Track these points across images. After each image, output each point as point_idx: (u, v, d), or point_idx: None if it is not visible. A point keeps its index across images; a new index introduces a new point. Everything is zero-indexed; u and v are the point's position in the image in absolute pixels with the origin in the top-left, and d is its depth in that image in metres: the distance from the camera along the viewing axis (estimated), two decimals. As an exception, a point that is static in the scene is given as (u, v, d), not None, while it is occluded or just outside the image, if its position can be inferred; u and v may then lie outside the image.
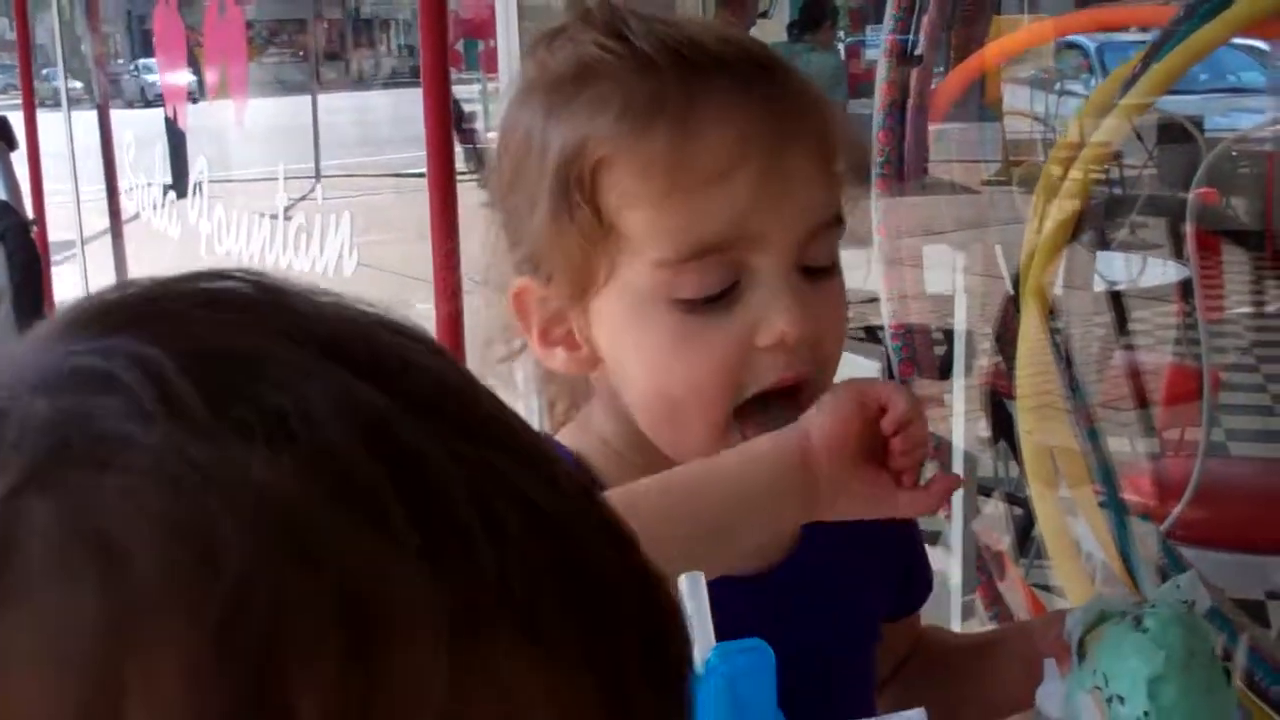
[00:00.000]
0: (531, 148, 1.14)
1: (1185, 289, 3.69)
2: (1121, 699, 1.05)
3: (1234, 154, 5.22)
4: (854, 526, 1.14)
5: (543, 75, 1.16)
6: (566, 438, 1.25)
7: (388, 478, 0.40)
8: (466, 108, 5.21)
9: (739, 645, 0.76)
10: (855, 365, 2.41)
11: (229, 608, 0.37)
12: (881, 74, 2.44)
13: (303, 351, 0.43)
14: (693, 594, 0.81)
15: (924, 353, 2.54)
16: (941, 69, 2.66)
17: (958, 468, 2.49)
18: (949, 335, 2.68)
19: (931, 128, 2.64)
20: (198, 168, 5.50)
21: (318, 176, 5.55)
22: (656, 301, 1.11)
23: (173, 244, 5.72)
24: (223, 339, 0.43)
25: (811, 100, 1.18)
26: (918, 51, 2.44)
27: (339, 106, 8.24)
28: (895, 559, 1.28)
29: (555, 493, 0.46)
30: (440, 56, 2.49)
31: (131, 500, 0.38)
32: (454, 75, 3.16)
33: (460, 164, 3.03)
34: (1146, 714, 1.05)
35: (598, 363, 1.18)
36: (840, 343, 1.21)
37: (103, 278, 6.58)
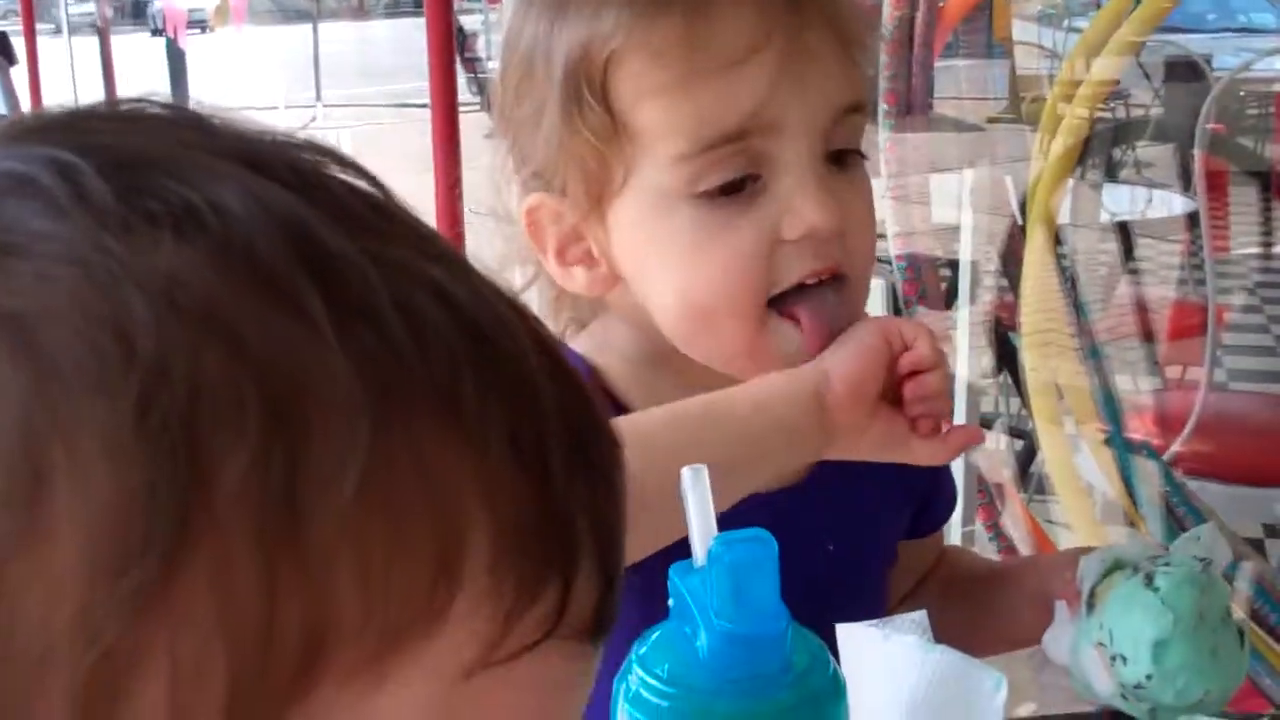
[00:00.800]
0: (536, 55, 1.11)
1: (1191, 224, 3.68)
2: (1125, 659, 1.05)
3: (1241, 94, 5.20)
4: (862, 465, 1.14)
5: None
6: (580, 346, 1.23)
7: (301, 266, 0.41)
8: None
9: (741, 535, 0.75)
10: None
11: (147, 386, 0.38)
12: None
13: (217, 160, 0.43)
14: (695, 486, 0.80)
15: (930, 281, 2.54)
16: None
17: (961, 399, 2.49)
18: (954, 266, 2.67)
19: (937, 65, 2.63)
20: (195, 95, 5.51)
21: (318, 101, 5.53)
22: (677, 198, 1.07)
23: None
24: (138, 146, 0.44)
25: None
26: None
27: (341, 36, 8.20)
28: (917, 480, 1.25)
29: (477, 295, 0.46)
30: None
31: (46, 286, 0.39)
32: (457, 4, 3.14)
33: (464, 93, 3.01)
34: (1149, 677, 1.04)
35: (617, 281, 1.14)
36: (872, 234, 1.17)
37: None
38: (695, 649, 0.76)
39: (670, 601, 0.78)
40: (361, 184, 0.47)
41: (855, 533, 1.16)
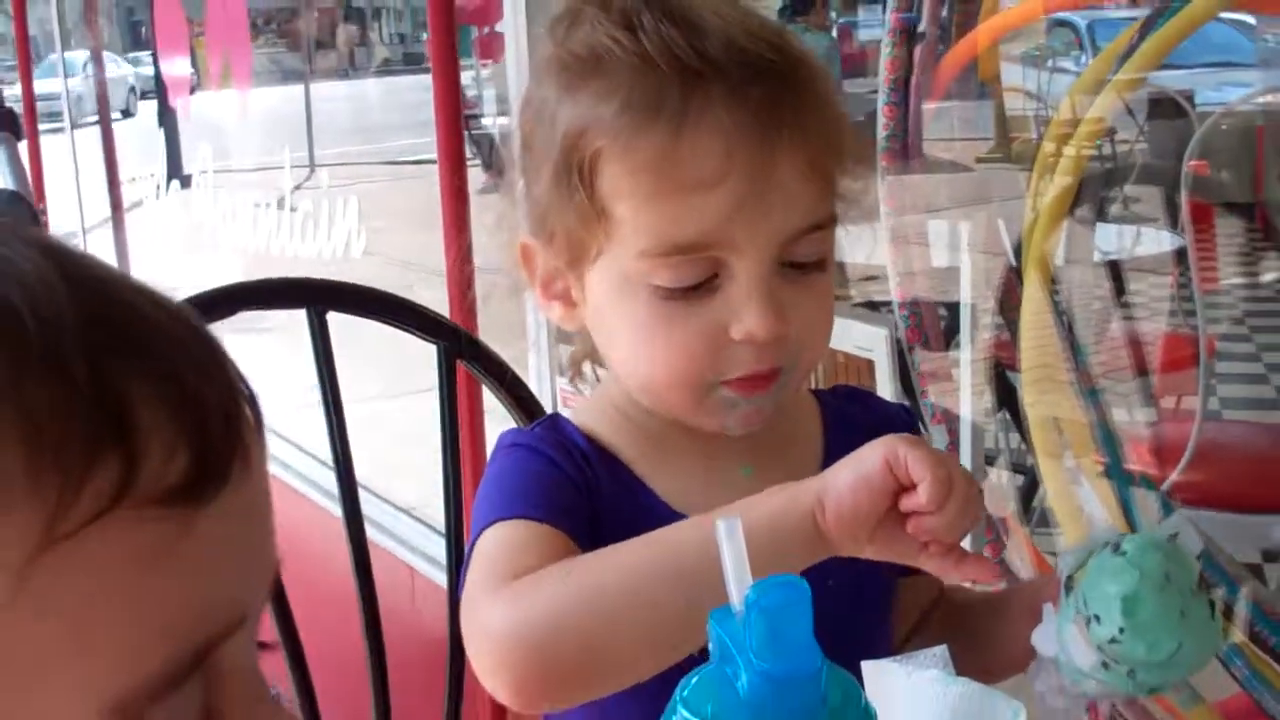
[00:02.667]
0: (543, 119, 1.22)
1: (1179, 259, 3.73)
2: (1098, 618, 1.11)
3: (1224, 127, 5.24)
4: None
5: (559, 53, 1.23)
6: (580, 416, 1.33)
7: None
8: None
9: (776, 581, 0.81)
10: (864, 333, 2.46)
11: None
12: (886, 51, 2.49)
13: None
14: (729, 538, 0.86)
15: (930, 324, 2.58)
16: (943, 47, 2.70)
17: (965, 439, 2.53)
18: (950, 307, 2.72)
19: (931, 105, 2.68)
20: (201, 156, 5.52)
21: (312, 166, 5.58)
22: (638, 285, 1.19)
23: (178, 233, 5.75)
24: None
25: (816, 97, 1.22)
26: (920, 29, 2.49)
27: (332, 95, 8.23)
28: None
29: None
30: (449, 45, 2.53)
31: None
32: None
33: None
34: (1121, 630, 1.10)
35: (584, 320, 1.28)
36: (823, 334, 1.27)
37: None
38: (736, 689, 0.81)
39: (710, 646, 0.83)
40: None
41: (853, 568, 1.19)
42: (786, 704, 0.80)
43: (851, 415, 1.40)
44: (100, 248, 6.72)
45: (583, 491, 1.24)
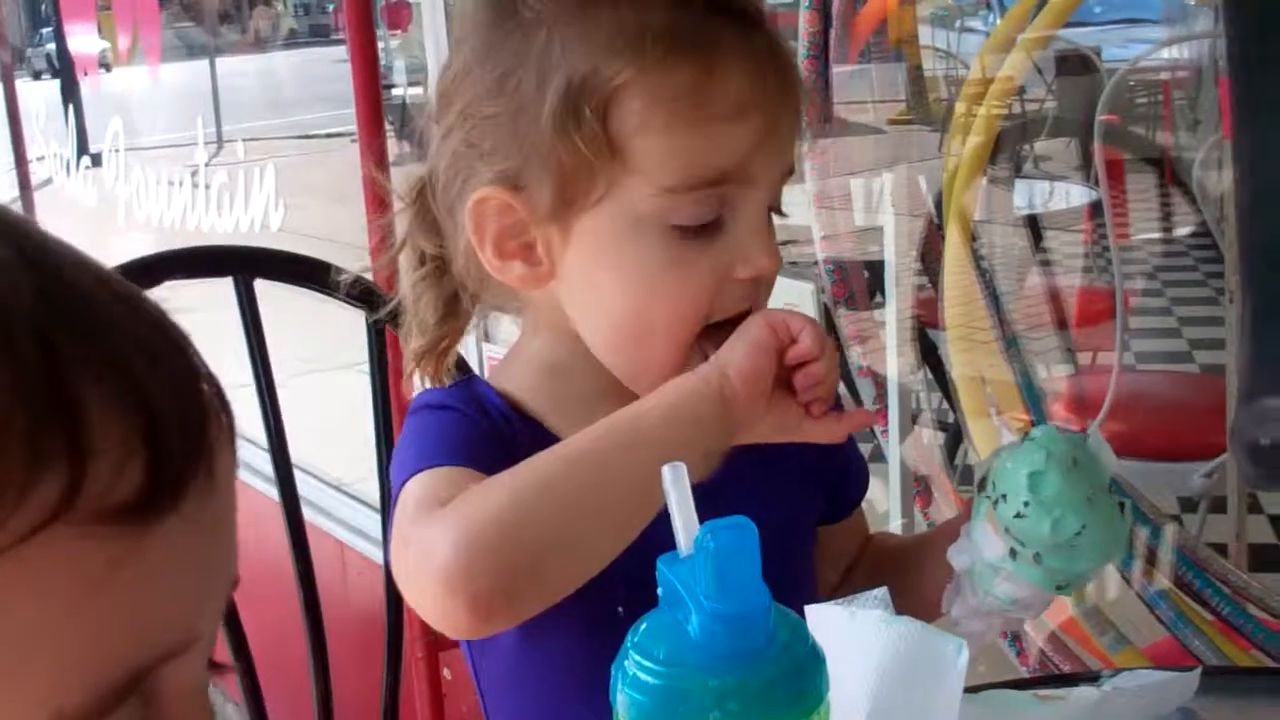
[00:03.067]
0: (526, 63, 1.17)
1: (1093, 213, 3.79)
2: (1005, 498, 1.14)
3: (1131, 83, 5.31)
4: (775, 454, 1.23)
5: None
6: (496, 379, 1.31)
7: None
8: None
9: (725, 523, 0.82)
10: (790, 288, 2.48)
11: None
12: (805, 4, 2.49)
13: None
14: (675, 483, 0.87)
15: (856, 282, 2.61)
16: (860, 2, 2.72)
17: (892, 397, 2.56)
18: (873, 268, 2.74)
19: (844, 69, 2.70)
20: (111, 131, 5.46)
21: (220, 141, 5.53)
22: (650, 225, 1.16)
23: (88, 211, 5.68)
24: None
25: (786, 44, 1.25)
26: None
27: (241, 69, 8.15)
28: (826, 462, 1.34)
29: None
30: (366, 19, 2.49)
31: None
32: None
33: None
34: (1026, 504, 1.13)
35: (549, 280, 1.22)
36: None
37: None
38: (687, 631, 0.82)
39: (659, 590, 0.84)
40: None
41: (774, 513, 1.22)
42: (736, 643, 0.82)
43: None
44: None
45: (500, 444, 1.22)
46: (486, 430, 1.23)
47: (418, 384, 1.38)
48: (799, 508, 1.34)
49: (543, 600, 1.10)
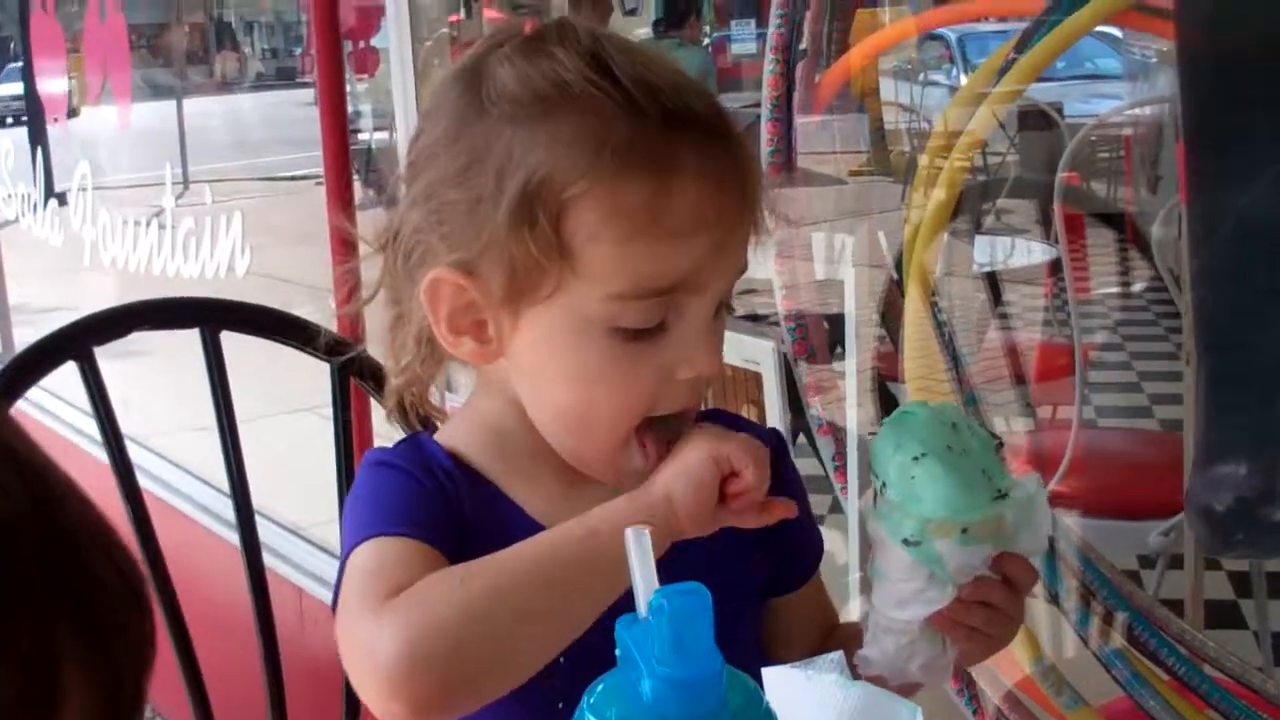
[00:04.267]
0: (490, 156, 1.18)
1: (1054, 269, 3.81)
2: (875, 474, 1.20)
3: (1093, 139, 5.36)
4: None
5: (515, 85, 1.19)
6: (445, 436, 1.34)
7: None
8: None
9: (679, 588, 0.84)
10: (751, 346, 2.49)
11: None
12: (768, 67, 2.52)
13: None
14: (638, 547, 0.89)
15: (816, 336, 2.62)
16: (824, 63, 2.74)
17: (851, 451, 2.57)
18: (833, 320, 2.75)
19: (805, 120, 2.71)
20: (79, 173, 5.45)
21: (186, 182, 5.53)
22: (598, 326, 1.19)
23: (54, 251, 5.67)
24: None
25: (749, 153, 1.26)
26: (801, 45, 2.52)
27: (207, 110, 8.14)
28: (770, 532, 1.32)
29: None
30: (335, 59, 2.50)
31: None
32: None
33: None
34: (874, 432, 1.18)
35: (498, 357, 1.26)
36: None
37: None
38: (640, 693, 0.83)
39: (617, 652, 0.85)
40: None
41: (714, 575, 1.24)
42: (688, 707, 0.82)
43: None
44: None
45: (445, 505, 1.26)
46: (433, 492, 1.26)
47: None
48: (740, 571, 1.35)
49: (480, 703, 1.16)
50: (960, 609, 1.21)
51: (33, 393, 1.74)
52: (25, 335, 5.71)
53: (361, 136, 5.98)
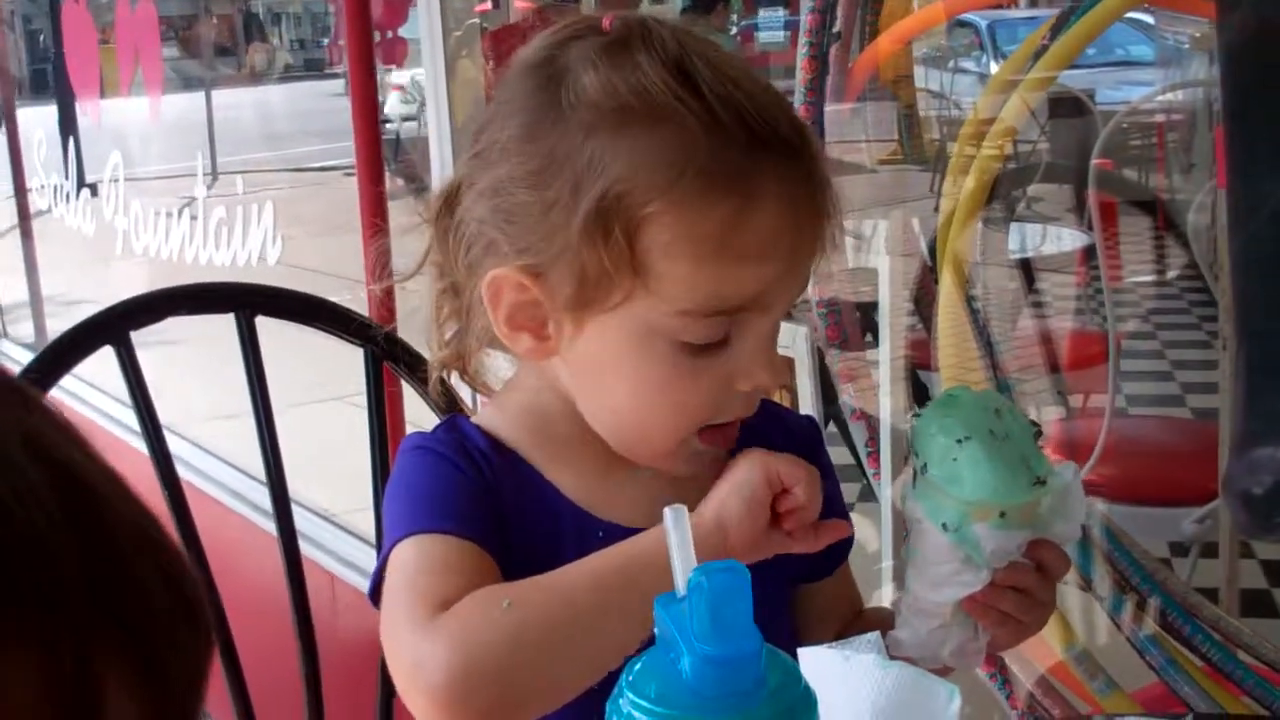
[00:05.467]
0: (567, 165, 1.17)
1: (1086, 257, 3.80)
2: (916, 453, 1.20)
3: (1125, 125, 5.34)
4: None
5: (597, 92, 1.17)
6: (483, 418, 1.34)
7: None
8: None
9: (718, 566, 0.84)
10: (784, 330, 2.48)
11: None
12: (802, 50, 2.50)
13: None
14: (676, 526, 0.89)
15: (848, 323, 2.61)
16: (859, 46, 2.73)
17: (884, 438, 2.57)
18: (864, 308, 2.75)
19: (834, 109, 2.71)
20: (111, 163, 5.47)
21: (215, 174, 5.55)
22: (663, 338, 1.18)
23: (87, 241, 5.69)
24: None
25: (824, 172, 1.23)
26: (835, 28, 2.51)
27: (236, 102, 8.17)
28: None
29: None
30: (366, 49, 2.51)
31: None
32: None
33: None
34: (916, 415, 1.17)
35: (554, 354, 1.25)
36: None
37: (13, 279, 6.53)
38: (679, 671, 0.83)
39: (655, 630, 0.85)
40: None
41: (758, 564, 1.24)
42: (727, 685, 0.83)
43: (755, 424, 1.42)
44: (8, 257, 6.65)
45: (486, 492, 1.26)
46: (472, 478, 1.27)
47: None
48: (781, 566, 1.35)
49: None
50: (994, 593, 1.21)
51: (67, 380, 1.75)
52: (58, 326, 5.74)
53: (390, 127, 6.00)
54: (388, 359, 1.83)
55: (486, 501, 1.25)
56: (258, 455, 1.85)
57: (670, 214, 1.14)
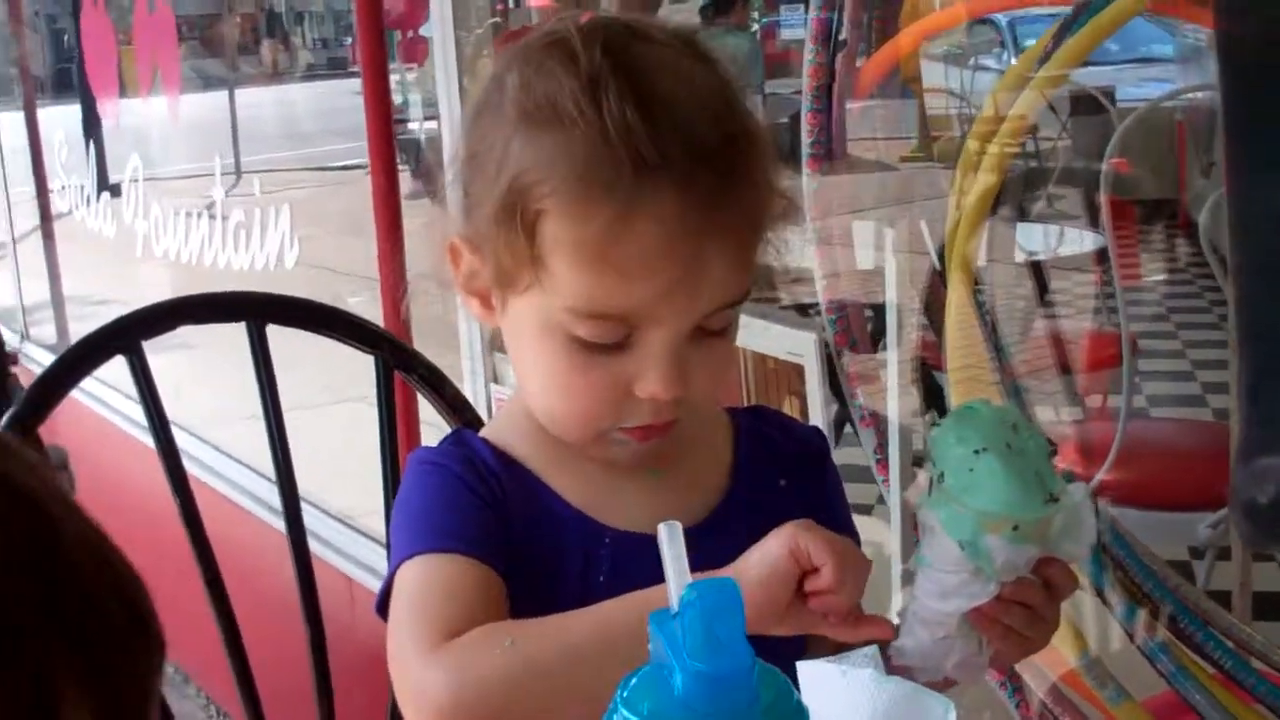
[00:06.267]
0: (493, 150, 1.24)
1: (1101, 257, 3.79)
2: (933, 462, 1.20)
3: (1142, 123, 5.32)
4: (767, 507, 1.28)
5: (517, 91, 1.23)
6: (490, 430, 1.39)
7: None
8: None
9: (710, 583, 0.84)
10: (793, 339, 2.48)
11: None
12: (808, 58, 2.51)
13: None
14: (671, 542, 0.90)
15: (858, 326, 2.61)
16: (865, 51, 2.73)
17: (893, 440, 2.56)
18: (877, 309, 2.74)
19: (855, 105, 2.70)
20: (131, 165, 5.48)
21: (238, 173, 5.57)
22: (559, 330, 1.23)
23: (107, 243, 5.71)
24: None
25: (754, 176, 1.24)
26: (841, 35, 2.51)
27: (258, 101, 8.18)
28: None
29: None
30: (379, 52, 2.52)
31: None
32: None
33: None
34: (935, 424, 1.17)
35: (497, 324, 1.32)
36: (717, 392, 1.35)
37: (35, 281, 6.56)
38: (672, 687, 0.84)
39: (649, 646, 0.86)
40: None
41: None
42: (720, 702, 0.83)
43: (764, 433, 1.44)
44: (30, 258, 6.68)
45: (491, 506, 1.29)
46: (480, 494, 1.29)
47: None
48: None
49: None
50: (1000, 607, 1.21)
51: (87, 382, 1.78)
52: (79, 329, 5.76)
53: (411, 126, 5.99)
54: (399, 368, 1.85)
55: (492, 516, 1.28)
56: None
57: (556, 214, 1.18)
